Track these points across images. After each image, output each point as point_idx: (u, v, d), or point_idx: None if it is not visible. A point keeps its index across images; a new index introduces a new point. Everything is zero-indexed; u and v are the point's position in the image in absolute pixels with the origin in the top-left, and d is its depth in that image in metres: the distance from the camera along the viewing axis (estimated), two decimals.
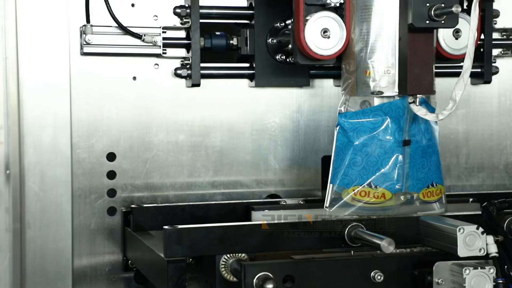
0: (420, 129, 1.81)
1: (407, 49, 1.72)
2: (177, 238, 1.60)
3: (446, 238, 1.60)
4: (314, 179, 2.17)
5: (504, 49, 2.26)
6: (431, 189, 1.83)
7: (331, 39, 1.82)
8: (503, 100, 2.32)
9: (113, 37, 1.99)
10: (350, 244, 1.66)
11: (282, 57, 2.05)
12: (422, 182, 1.82)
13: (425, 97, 1.81)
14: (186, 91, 2.09)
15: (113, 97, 2.04)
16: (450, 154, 2.27)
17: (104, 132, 2.04)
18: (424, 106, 1.78)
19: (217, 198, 2.12)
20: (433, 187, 1.83)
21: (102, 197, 2.04)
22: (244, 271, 1.54)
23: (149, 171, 2.07)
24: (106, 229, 2.04)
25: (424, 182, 1.82)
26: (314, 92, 2.18)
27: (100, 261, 2.04)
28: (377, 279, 1.59)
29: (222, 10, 2.07)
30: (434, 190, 1.83)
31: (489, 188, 2.30)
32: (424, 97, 1.80)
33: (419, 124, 1.80)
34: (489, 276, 1.52)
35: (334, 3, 1.80)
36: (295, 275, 1.57)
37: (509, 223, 1.67)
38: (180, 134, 2.10)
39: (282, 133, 2.16)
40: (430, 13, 1.67)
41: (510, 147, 2.33)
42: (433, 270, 1.59)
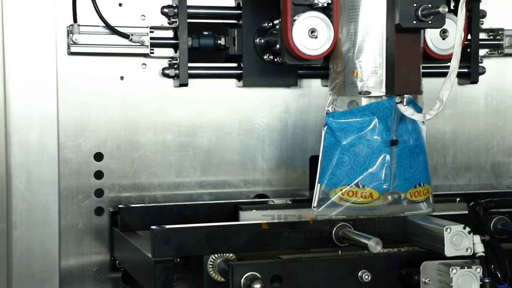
0: (408, 129, 1.82)
1: (394, 49, 1.72)
2: (164, 238, 1.60)
3: (433, 237, 1.61)
4: (301, 179, 2.17)
5: (491, 49, 2.28)
6: (419, 189, 1.84)
7: (318, 39, 1.82)
8: (489, 100, 2.33)
9: (101, 36, 1.98)
10: (338, 244, 1.66)
11: (270, 57, 2.05)
12: (410, 182, 1.82)
13: (412, 97, 1.82)
14: (174, 91, 2.08)
15: (100, 97, 2.04)
16: (437, 154, 2.28)
17: (92, 132, 2.03)
18: (411, 106, 1.78)
19: (205, 198, 2.12)
20: (421, 187, 1.84)
21: (90, 197, 2.03)
22: (231, 271, 1.54)
23: (137, 171, 2.07)
24: (94, 229, 2.03)
25: (411, 182, 1.83)
26: (302, 92, 2.18)
27: (88, 261, 2.03)
28: (364, 278, 1.59)
29: (210, 10, 2.06)
30: (421, 190, 1.84)
31: (476, 188, 2.31)
32: (412, 97, 1.81)
33: (406, 124, 1.81)
34: (476, 276, 1.52)
35: (321, 3, 1.80)
36: (283, 275, 1.57)
37: (495, 223, 1.68)
38: (168, 134, 2.10)
39: (270, 133, 2.17)
40: (417, 13, 1.68)
41: (496, 147, 2.34)
42: (420, 269, 1.59)
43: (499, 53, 2.27)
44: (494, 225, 1.67)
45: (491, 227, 1.67)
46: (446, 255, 1.56)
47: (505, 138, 2.34)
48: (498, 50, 2.27)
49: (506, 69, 2.33)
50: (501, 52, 2.26)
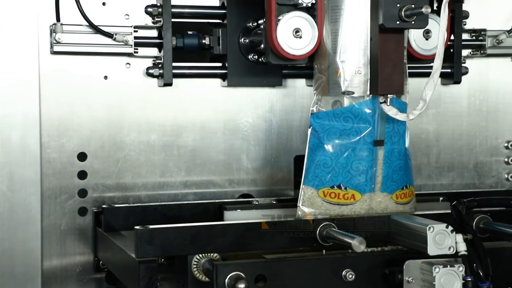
0: (398, 131, 1.81)
1: (378, 49, 1.73)
2: (148, 238, 1.59)
3: (416, 236, 1.61)
4: (286, 179, 2.18)
5: (474, 50, 2.29)
6: (405, 190, 1.84)
7: (303, 39, 1.82)
8: (472, 100, 2.35)
9: (84, 36, 1.97)
10: (322, 243, 1.67)
11: (254, 56, 2.05)
12: (397, 184, 1.83)
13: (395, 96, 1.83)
14: (158, 90, 2.08)
15: (84, 96, 2.03)
16: (420, 154, 2.29)
17: (75, 131, 2.02)
18: (395, 105, 1.78)
19: (190, 198, 2.11)
20: (407, 189, 1.85)
21: (73, 197, 2.02)
22: (216, 271, 1.54)
23: (121, 171, 2.06)
24: (77, 230, 2.02)
25: (399, 184, 1.83)
26: (286, 92, 2.19)
27: (71, 262, 2.02)
28: (348, 278, 1.60)
29: (194, 9, 2.06)
30: (407, 192, 1.85)
31: (459, 187, 2.32)
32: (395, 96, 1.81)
33: (398, 125, 1.80)
34: (458, 274, 1.53)
35: (305, 3, 1.81)
36: (267, 274, 1.57)
37: (478, 222, 1.70)
38: (152, 134, 2.09)
39: (255, 133, 2.17)
40: (400, 14, 1.69)
41: (479, 147, 2.36)
42: (403, 268, 1.60)
43: (481, 53, 2.28)
44: (476, 224, 1.69)
45: (474, 226, 1.68)
46: (429, 254, 1.57)
47: (487, 137, 2.36)
48: (481, 50, 2.28)
49: (489, 69, 2.34)
50: (483, 53, 2.28)
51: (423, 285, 1.56)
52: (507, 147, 2.38)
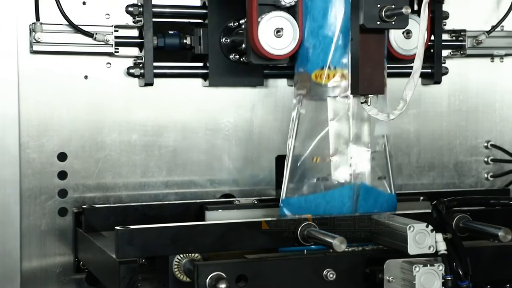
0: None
1: (359, 49, 1.73)
2: (129, 239, 1.58)
3: (396, 236, 1.62)
4: (268, 179, 2.18)
5: (454, 50, 2.31)
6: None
7: (284, 38, 1.82)
8: (452, 100, 2.36)
9: (64, 35, 1.96)
10: (303, 243, 1.67)
11: (235, 56, 2.05)
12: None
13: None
14: (139, 90, 2.07)
15: (64, 96, 2.01)
16: (401, 154, 2.30)
17: (55, 131, 2.01)
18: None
19: (171, 198, 2.11)
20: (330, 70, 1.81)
21: (53, 197, 2.01)
22: (197, 271, 1.53)
23: (101, 171, 2.05)
24: (57, 230, 2.01)
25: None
26: (268, 92, 2.19)
27: (51, 263, 2.00)
28: (329, 277, 1.60)
29: (175, 9, 2.06)
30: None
31: (439, 187, 2.34)
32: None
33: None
34: (438, 273, 1.54)
35: (286, 3, 1.81)
36: (248, 274, 1.57)
37: (458, 221, 1.70)
38: (133, 134, 2.08)
39: (236, 133, 2.16)
40: (381, 14, 1.69)
41: (459, 147, 2.38)
42: (384, 268, 1.60)
43: (461, 53, 2.30)
44: (456, 223, 1.70)
45: (453, 226, 1.69)
46: (409, 253, 1.57)
47: (467, 137, 2.38)
48: (461, 51, 2.30)
49: (468, 69, 2.36)
50: (463, 53, 2.30)
51: (403, 284, 1.57)
52: (486, 147, 2.39)
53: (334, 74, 1.79)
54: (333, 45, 1.78)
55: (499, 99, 2.40)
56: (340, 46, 1.78)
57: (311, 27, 1.80)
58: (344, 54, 1.78)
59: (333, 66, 1.79)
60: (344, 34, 1.77)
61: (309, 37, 1.81)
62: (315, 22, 1.80)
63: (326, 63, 1.79)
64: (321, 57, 1.80)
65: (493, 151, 2.39)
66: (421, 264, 1.54)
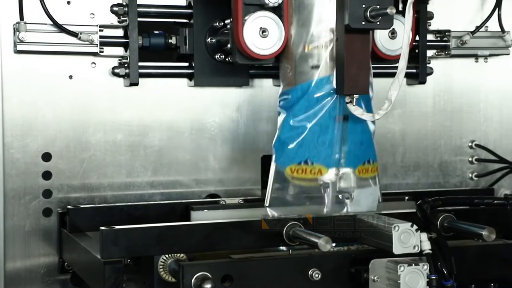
0: (361, 106, 1.80)
1: (344, 49, 1.74)
2: (113, 239, 1.58)
3: (382, 235, 1.63)
4: (254, 179, 2.18)
5: (438, 50, 2.32)
6: (367, 166, 1.83)
7: (269, 38, 1.82)
8: (437, 100, 2.37)
9: (48, 35, 1.95)
10: (289, 243, 1.67)
11: (221, 56, 2.05)
12: (359, 158, 1.82)
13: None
14: (124, 90, 2.06)
15: (48, 96, 2.00)
16: (386, 153, 2.31)
17: (39, 131, 2.00)
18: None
19: (156, 198, 2.10)
20: (369, 164, 1.84)
21: (37, 198, 2.00)
22: (182, 271, 1.53)
23: (86, 171, 2.04)
24: (42, 231, 2.00)
25: (360, 158, 1.82)
26: (253, 92, 2.19)
27: (35, 264, 1.99)
28: (314, 277, 1.60)
29: (161, 9, 2.05)
30: (369, 167, 1.84)
31: (424, 187, 2.35)
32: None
33: (359, 102, 1.78)
34: (423, 273, 1.55)
35: (272, 3, 1.81)
36: (233, 274, 1.57)
37: (442, 221, 1.71)
38: (118, 134, 2.07)
39: (222, 133, 2.16)
40: (365, 14, 1.70)
41: (444, 146, 2.39)
42: (369, 267, 1.61)
43: (446, 54, 2.31)
44: (440, 223, 1.71)
45: (438, 225, 1.70)
46: (394, 252, 1.58)
47: (452, 137, 2.39)
48: (445, 51, 2.31)
49: (453, 69, 2.37)
50: (448, 53, 2.31)
51: (388, 284, 1.57)
52: (471, 146, 2.41)
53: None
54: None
55: (484, 99, 2.41)
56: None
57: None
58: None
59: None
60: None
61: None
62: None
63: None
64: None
65: (478, 151, 2.41)
66: (406, 263, 1.55)
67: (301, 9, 1.82)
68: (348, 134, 1.79)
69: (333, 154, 1.79)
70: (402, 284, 1.53)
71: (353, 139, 1.80)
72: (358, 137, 1.81)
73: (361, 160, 1.82)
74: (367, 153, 1.83)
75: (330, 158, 1.79)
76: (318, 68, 1.79)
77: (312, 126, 1.77)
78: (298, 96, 1.79)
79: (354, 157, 1.81)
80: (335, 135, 1.78)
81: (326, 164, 1.78)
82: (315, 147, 1.78)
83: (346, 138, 1.79)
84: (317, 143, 1.78)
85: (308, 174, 1.78)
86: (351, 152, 1.80)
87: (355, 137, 1.81)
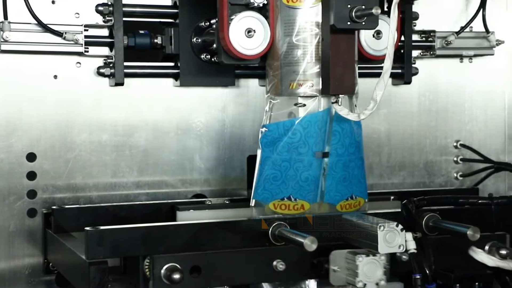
0: (344, 143, 1.82)
1: (330, 50, 1.74)
2: (99, 239, 1.58)
3: (367, 235, 1.64)
4: (239, 179, 2.17)
5: (423, 51, 2.33)
6: (350, 201, 1.86)
7: (255, 39, 1.82)
8: (422, 100, 2.38)
9: (33, 34, 1.94)
10: (274, 242, 1.67)
11: (207, 56, 2.05)
12: (341, 195, 1.84)
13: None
14: (110, 90, 2.06)
15: (33, 96, 1.99)
16: (372, 153, 2.32)
17: (24, 131, 1.99)
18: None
19: (142, 198, 2.10)
20: (352, 200, 1.86)
21: (22, 198, 1.99)
22: (152, 262, 1.56)
23: (71, 171, 2.03)
24: (26, 231, 1.99)
25: (343, 194, 1.84)
26: (239, 92, 2.19)
27: (20, 264, 1.98)
28: (279, 268, 1.65)
29: (146, 8, 2.04)
30: (352, 203, 1.86)
31: (409, 186, 2.36)
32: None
33: (343, 138, 1.81)
34: (380, 263, 1.60)
35: (257, 3, 1.81)
36: (201, 265, 1.61)
37: (427, 220, 1.72)
38: (104, 134, 2.07)
39: (208, 133, 2.16)
40: (351, 15, 1.70)
41: (429, 146, 2.40)
42: (330, 258, 1.65)
43: (431, 54, 2.32)
44: (425, 223, 1.72)
45: (423, 225, 1.71)
46: (380, 252, 1.59)
47: (437, 137, 2.40)
48: (430, 51, 2.32)
49: (438, 70, 2.38)
50: (433, 54, 2.32)
51: (348, 274, 1.64)
52: (456, 146, 2.42)
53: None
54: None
55: (468, 99, 2.43)
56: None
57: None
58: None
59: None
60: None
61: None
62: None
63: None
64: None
65: (463, 151, 2.42)
66: (364, 254, 1.61)
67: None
68: (329, 170, 1.81)
69: (315, 190, 1.81)
70: (360, 273, 1.59)
71: (334, 175, 1.82)
72: (339, 173, 1.82)
73: (344, 196, 1.84)
74: (350, 188, 1.84)
75: (312, 194, 1.81)
76: (303, 106, 1.79)
77: (295, 163, 1.79)
78: (280, 133, 1.80)
79: (335, 193, 1.83)
80: (317, 172, 1.80)
81: (309, 200, 1.81)
82: (298, 184, 1.79)
83: (327, 174, 1.81)
84: (299, 179, 1.79)
85: (291, 209, 1.80)
86: (331, 187, 1.82)
87: (337, 173, 1.82)
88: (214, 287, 1.64)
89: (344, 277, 1.64)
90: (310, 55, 1.79)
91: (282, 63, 1.82)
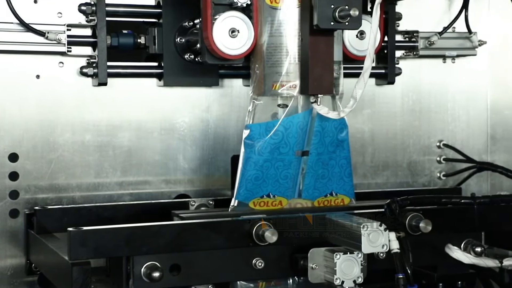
0: (324, 142, 1.85)
1: (309, 50, 1.74)
2: (81, 240, 1.57)
3: (350, 235, 1.64)
4: (223, 179, 2.17)
5: (407, 51, 2.34)
6: (329, 198, 1.89)
7: (239, 39, 1.82)
8: (406, 100, 2.39)
9: (15, 34, 1.92)
10: (258, 243, 1.67)
11: (190, 56, 2.04)
12: (319, 191, 1.88)
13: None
14: (93, 90, 2.05)
15: (15, 95, 1.98)
16: (356, 153, 2.32)
17: (6, 131, 1.97)
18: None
19: (125, 198, 2.09)
20: (332, 196, 1.89)
21: (4, 199, 1.97)
22: (132, 261, 1.57)
23: (54, 171, 2.02)
24: (8, 232, 1.97)
25: (321, 191, 1.87)
26: (223, 92, 2.19)
27: (2, 265, 1.97)
28: (258, 265, 1.67)
29: (129, 8, 2.04)
30: (332, 199, 1.89)
31: (393, 186, 2.36)
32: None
33: (323, 137, 1.84)
34: (357, 261, 1.62)
35: (241, 3, 1.81)
36: (181, 264, 1.62)
37: (410, 220, 1.73)
38: (87, 134, 2.06)
39: (191, 133, 2.16)
40: (334, 15, 1.71)
41: (413, 146, 2.41)
42: (308, 256, 1.66)
43: (414, 54, 2.33)
44: (408, 223, 1.72)
45: (406, 225, 1.71)
46: (363, 252, 1.60)
47: (420, 137, 2.41)
48: (414, 51, 2.33)
49: (421, 70, 2.39)
50: (416, 54, 2.33)
51: (326, 271, 1.65)
52: (439, 146, 2.43)
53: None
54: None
55: (451, 99, 2.44)
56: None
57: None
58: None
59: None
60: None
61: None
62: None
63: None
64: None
65: (445, 151, 2.43)
66: (342, 252, 1.62)
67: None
68: (308, 168, 1.84)
69: (293, 187, 1.84)
70: (338, 271, 1.61)
71: (313, 173, 1.85)
72: (319, 170, 1.85)
73: (323, 193, 1.87)
74: (330, 186, 1.87)
75: (290, 191, 1.85)
76: (286, 107, 1.80)
77: (276, 163, 1.81)
78: (262, 134, 1.81)
79: (313, 190, 1.86)
80: (297, 170, 1.82)
81: (287, 196, 1.84)
82: (278, 182, 1.82)
83: (306, 172, 1.84)
84: (279, 177, 1.82)
85: (270, 206, 1.84)
86: (310, 184, 1.85)
87: (316, 171, 1.85)
88: (194, 285, 1.66)
89: (322, 275, 1.66)
90: (293, 56, 1.80)
91: (266, 63, 1.83)
